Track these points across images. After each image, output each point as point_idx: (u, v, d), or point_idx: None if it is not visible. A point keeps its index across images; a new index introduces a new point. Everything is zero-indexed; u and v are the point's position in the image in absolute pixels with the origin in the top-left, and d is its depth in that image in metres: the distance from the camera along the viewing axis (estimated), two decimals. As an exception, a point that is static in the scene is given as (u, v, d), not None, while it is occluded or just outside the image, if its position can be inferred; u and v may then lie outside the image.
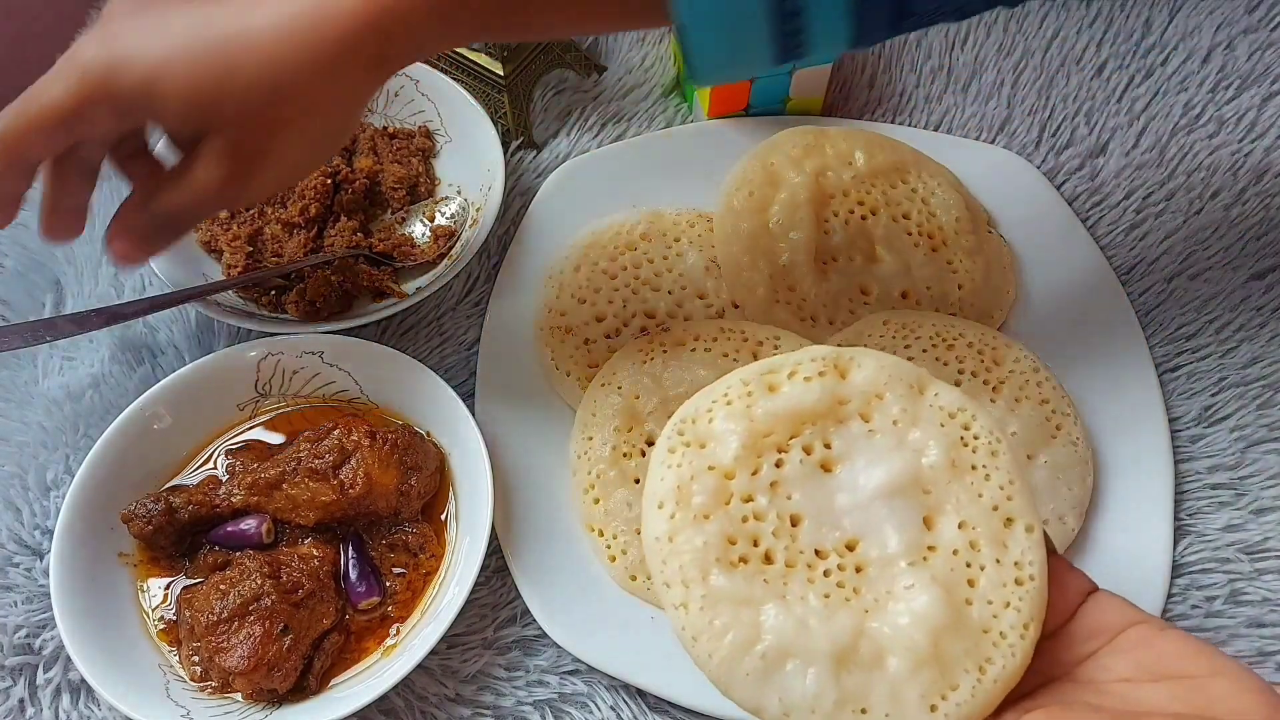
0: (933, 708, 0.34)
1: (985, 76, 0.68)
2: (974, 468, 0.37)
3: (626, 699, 0.49)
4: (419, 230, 0.61)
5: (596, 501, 0.52)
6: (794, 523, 0.37)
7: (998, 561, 0.36)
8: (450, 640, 0.50)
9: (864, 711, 0.34)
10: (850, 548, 0.37)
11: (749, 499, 0.37)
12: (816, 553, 0.37)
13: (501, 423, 0.55)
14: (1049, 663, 0.36)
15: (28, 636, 0.50)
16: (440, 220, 0.60)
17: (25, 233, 0.64)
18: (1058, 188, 0.63)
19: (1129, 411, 0.55)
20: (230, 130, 0.40)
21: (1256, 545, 0.52)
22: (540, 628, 0.50)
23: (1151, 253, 0.61)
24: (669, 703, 0.49)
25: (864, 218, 0.60)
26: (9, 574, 0.52)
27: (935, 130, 0.66)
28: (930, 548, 0.36)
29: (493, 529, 0.49)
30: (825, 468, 0.38)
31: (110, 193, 0.64)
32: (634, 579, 0.51)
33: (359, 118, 0.58)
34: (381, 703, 0.48)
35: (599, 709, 0.49)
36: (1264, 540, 0.52)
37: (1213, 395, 0.56)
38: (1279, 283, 0.59)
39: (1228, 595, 0.51)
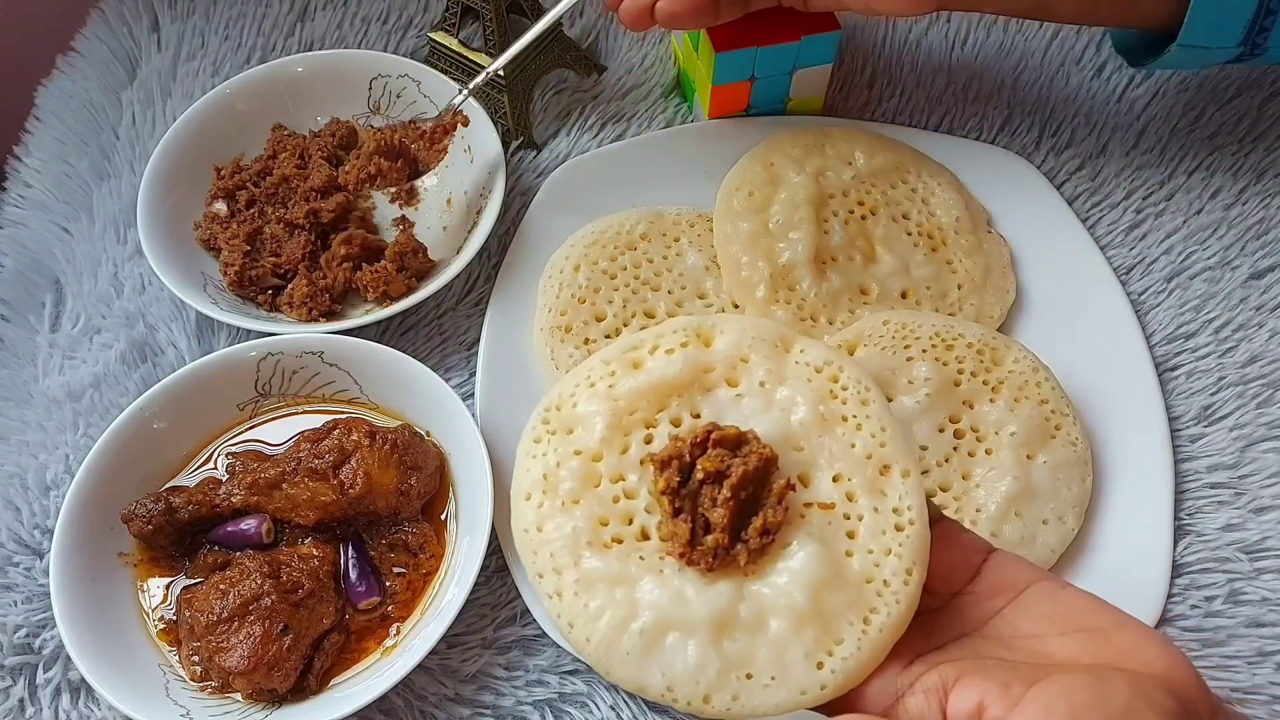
0: (819, 664, 0.34)
1: (985, 77, 0.68)
2: (845, 419, 0.37)
3: (626, 699, 0.49)
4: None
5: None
6: None
7: (875, 510, 0.36)
8: (450, 640, 0.50)
9: (749, 676, 0.34)
10: None
11: (619, 479, 0.37)
12: None
13: (501, 423, 0.55)
14: (958, 619, 0.36)
15: (28, 636, 0.50)
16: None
17: (25, 232, 0.64)
18: (1058, 188, 0.63)
19: (1129, 411, 0.55)
20: None
21: (1256, 545, 0.52)
22: (540, 628, 0.50)
23: (1151, 253, 0.61)
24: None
25: (864, 218, 0.60)
26: (9, 574, 0.52)
27: (935, 130, 0.66)
28: (806, 504, 0.36)
29: (493, 529, 0.49)
30: None
31: (110, 192, 0.64)
32: (634, 579, 0.51)
33: None
34: (381, 703, 0.48)
35: (599, 709, 0.49)
36: (1263, 540, 0.52)
37: (1212, 394, 0.56)
38: (1278, 282, 0.59)
39: (1227, 595, 0.51)
